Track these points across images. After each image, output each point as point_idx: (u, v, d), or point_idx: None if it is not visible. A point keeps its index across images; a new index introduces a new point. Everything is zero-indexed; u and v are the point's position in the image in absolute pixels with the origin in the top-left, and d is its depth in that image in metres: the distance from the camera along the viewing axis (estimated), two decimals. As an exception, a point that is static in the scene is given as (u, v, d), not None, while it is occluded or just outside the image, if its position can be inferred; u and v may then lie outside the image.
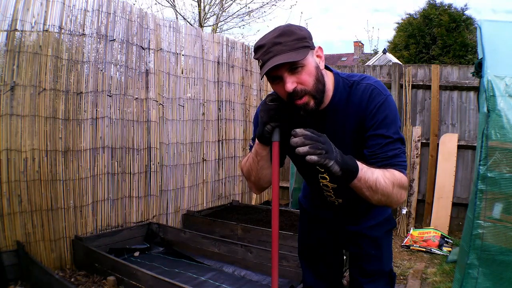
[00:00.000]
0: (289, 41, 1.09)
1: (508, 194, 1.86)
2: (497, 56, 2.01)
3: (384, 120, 1.18)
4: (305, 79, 1.12)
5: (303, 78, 1.11)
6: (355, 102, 1.22)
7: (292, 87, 1.10)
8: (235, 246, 3.13)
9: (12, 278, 2.63)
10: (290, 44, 1.09)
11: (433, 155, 4.56)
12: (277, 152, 1.22)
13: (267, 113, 1.19)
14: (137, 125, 3.54)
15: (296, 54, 1.08)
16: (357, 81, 1.24)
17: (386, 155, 1.16)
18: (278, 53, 1.08)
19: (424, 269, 3.34)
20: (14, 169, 2.68)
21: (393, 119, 1.19)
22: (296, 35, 1.10)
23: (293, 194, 4.86)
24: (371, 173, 1.08)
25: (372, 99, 1.19)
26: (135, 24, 3.49)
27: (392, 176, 1.12)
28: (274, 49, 1.09)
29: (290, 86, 1.10)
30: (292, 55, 1.08)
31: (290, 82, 1.10)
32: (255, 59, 1.15)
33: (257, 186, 1.39)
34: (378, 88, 1.21)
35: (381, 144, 1.17)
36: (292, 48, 1.08)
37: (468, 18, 9.45)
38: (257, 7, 10.67)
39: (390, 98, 1.21)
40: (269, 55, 1.09)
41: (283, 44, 1.09)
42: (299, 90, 1.12)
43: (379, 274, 1.47)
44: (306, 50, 1.10)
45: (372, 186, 1.08)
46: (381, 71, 4.95)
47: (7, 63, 2.62)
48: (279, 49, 1.08)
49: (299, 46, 1.09)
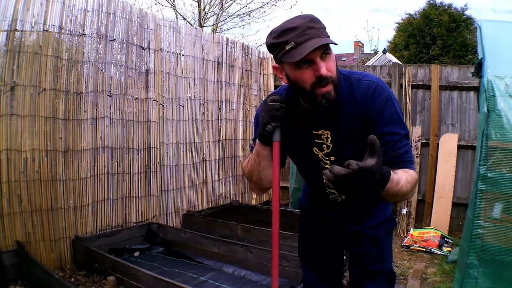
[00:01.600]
0: (320, 27, 1.11)
1: (508, 194, 1.86)
2: (497, 56, 2.01)
3: (391, 117, 1.19)
4: (331, 66, 1.14)
5: (331, 65, 1.13)
6: (358, 99, 1.22)
7: (326, 72, 1.11)
8: (235, 246, 3.13)
9: (12, 278, 2.62)
10: (322, 30, 1.11)
11: (433, 155, 4.56)
12: (278, 152, 1.22)
13: (268, 113, 1.19)
14: (137, 125, 3.54)
15: (329, 40, 1.10)
16: (359, 79, 1.24)
17: (397, 153, 1.18)
18: (314, 36, 1.08)
19: (424, 269, 3.34)
20: (14, 169, 2.68)
21: (399, 115, 1.21)
22: (322, 24, 1.13)
23: (293, 194, 4.86)
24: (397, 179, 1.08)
25: (375, 97, 1.20)
26: (135, 24, 3.49)
27: (411, 179, 1.15)
28: (310, 32, 1.09)
29: (324, 70, 1.11)
30: (328, 40, 1.09)
31: (323, 66, 1.11)
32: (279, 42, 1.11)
33: (259, 187, 1.39)
34: (381, 85, 1.22)
35: (391, 142, 1.18)
36: (324, 34, 1.11)
37: (468, 18, 9.46)
38: (257, 7, 10.67)
39: (392, 95, 1.23)
40: (305, 37, 1.08)
41: (317, 29, 1.10)
42: (329, 76, 1.13)
43: (379, 274, 1.47)
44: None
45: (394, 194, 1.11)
46: (381, 71, 4.95)
47: (7, 63, 2.62)
48: (315, 33, 1.09)
49: (328, 34, 1.12)
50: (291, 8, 15.86)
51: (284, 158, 1.37)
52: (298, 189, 4.69)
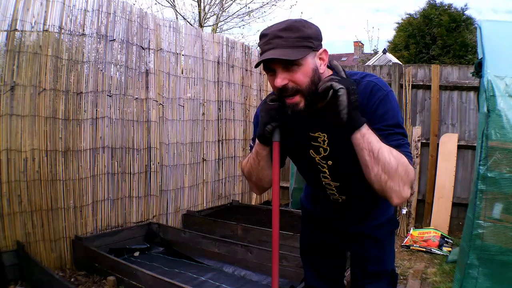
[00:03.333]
0: (291, 37, 1.08)
1: (508, 194, 1.86)
2: (497, 56, 2.01)
3: (385, 114, 1.16)
4: (298, 78, 1.11)
5: (297, 76, 1.10)
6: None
7: (281, 83, 1.10)
8: (235, 246, 3.13)
9: (12, 278, 2.62)
10: (291, 40, 1.08)
11: (433, 155, 4.56)
12: (278, 152, 1.21)
13: (268, 113, 1.19)
14: (137, 125, 3.54)
15: (294, 52, 1.07)
16: (358, 80, 1.23)
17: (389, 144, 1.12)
18: (276, 47, 1.08)
19: (424, 269, 3.34)
20: (14, 169, 2.68)
21: (395, 114, 1.17)
22: (301, 32, 1.09)
23: (293, 194, 4.86)
24: (376, 140, 1.06)
25: (372, 95, 1.18)
26: (135, 24, 3.49)
27: (399, 156, 1.08)
28: (274, 42, 1.08)
29: (279, 81, 1.10)
30: (289, 52, 1.07)
31: (281, 78, 1.10)
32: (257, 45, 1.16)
33: (258, 187, 1.38)
34: (379, 84, 1.20)
35: (383, 135, 1.13)
36: (292, 46, 1.08)
37: (468, 18, 9.47)
38: (257, 7, 10.68)
39: (391, 93, 1.20)
40: (268, 46, 1.09)
41: (284, 39, 1.08)
42: (290, 87, 1.11)
43: (381, 274, 1.46)
44: (307, 50, 1.09)
45: (374, 152, 1.06)
46: (381, 71, 4.95)
47: (7, 63, 2.62)
48: (279, 43, 1.08)
49: (299, 45, 1.08)
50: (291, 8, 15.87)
51: (283, 158, 1.37)
52: (298, 189, 4.69)
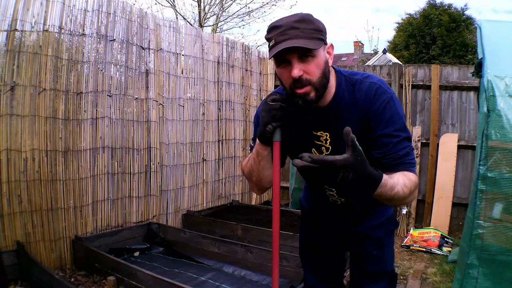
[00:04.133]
0: (307, 28, 1.09)
1: (508, 194, 1.86)
2: (497, 56, 2.01)
3: (391, 119, 1.17)
4: (312, 69, 1.12)
5: (311, 68, 1.11)
6: (359, 101, 1.21)
7: (298, 74, 1.10)
8: (235, 246, 3.13)
9: (12, 278, 2.62)
10: (307, 32, 1.09)
11: (433, 155, 4.56)
12: (278, 152, 1.21)
13: (269, 113, 1.18)
14: (137, 125, 3.54)
15: (311, 42, 1.08)
16: (360, 80, 1.23)
17: (397, 155, 1.15)
18: (293, 37, 1.08)
19: (424, 269, 3.34)
20: (14, 169, 2.68)
21: (400, 117, 1.18)
22: (314, 25, 1.11)
23: (293, 194, 4.86)
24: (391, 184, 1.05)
25: (377, 98, 1.18)
26: (135, 24, 3.49)
27: (410, 183, 1.11)
28: (290, 32, 1.08)
29: (297, 72, 1.10)
30: (307, 42, 1.08)
31: (298, 68, 1.10)
32: (266, 38, 1.14)
33: (258, 187, 1.38)
34: (382, 87, 1.20)
35: (391, 144, 1.16)
36: (308, 36, 1.09)
37: (468, 18, 9.47)
38: (257, 7, 10.68)
39: (394, 96, 1.21)
40: (284, 36, 1.08)
41: (301, 30, 1.08)
42: (304, 78, 1.11)
43: (381, 274, 1.46)
44: (320, 42, 1.11)
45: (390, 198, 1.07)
46: (381, 71, 4.95)
47: (7, 63, 2.62)
48: (296, 34, 1.08)
49: (314, 37, 1.10)
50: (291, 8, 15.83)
51: (284, 158, 1.37)
52: (298, 189, 4.69)
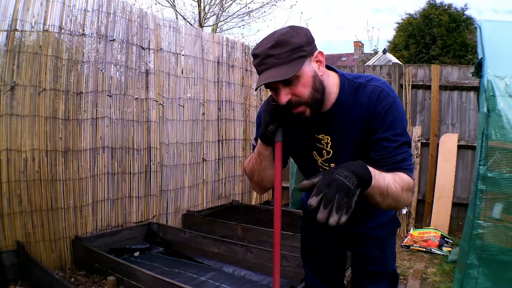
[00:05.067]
0: (282, 52, 1.07)
1: (508, 194, 1.86)
2: (497, 56, 2.01)
3: (392, 123, 1.17)
4: (299, 91, 1.11)
5: (298, 90, 1.11)
6: (362, 104, 1.20)
7: (285, 100, 1.10)
8: (235, 246, 3.13)
9: (12, 278, 2.62)
10: (283, 57, 1.07)
11: (433, 155, 4.56)
12: (280, 152, 1.21)
13: (270, 113, 1.19)
14: (137, 125, 3.54)
15: (289, 68, 1.06)
16: (364, 83, 1.22)
17: (394, 159, 1.15)
18: (270, 67, 1.07)
19: (424, 269, 3.34)
20: (14, 169, 2.68)
21: (401, 121, 1.18)
22: (291, 45, 1.08)
23: (293, 194, 4.86)
24: (383, 180, 1.06)
25: (380, 101, 1.18)
26: (135, 24, 3.49)
27: (401, 181, 1.11)
28: (267, 62, 1.08)
29: (284, 98, 1.10)
30: (284, 70, 1.06)
31: (284, 94, 1.10)
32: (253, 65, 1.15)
33: (260, 187, 1.38)
34: (386, 90, 1.20)
35: (390, 148, 1.15)
36: (285, 61, 1.07)
37: (468, 18, 9.46)
38: (257, 7, 10.67)
39: (397, 100, 1.20)
40: (262, 67, 1.09)
41: (276, 56, 1.07)
42: (294, 101, 1.12)
43: (382, 274, 1.46)
44: (301, 60, 1.09)
45: (384, 192, 1.07)
46: (381, 71, 4.95)
47: (7, 63, 2.62)
48: (272, 62, 1.07)
49: (293, 58, 1.07)
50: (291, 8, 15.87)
51: (286, 158, 1.37)
52: (298, 189, 4.69)
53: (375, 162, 1.17)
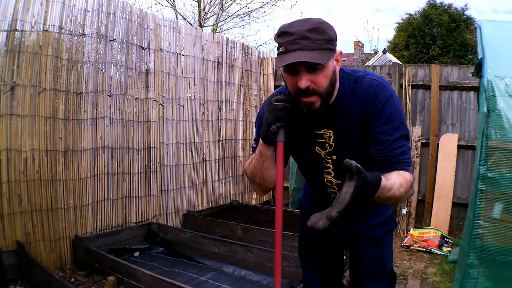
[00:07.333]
0: (319, 39, 1.08)
1: (508, 194, 1.86)
2: (497, 56, 2.01)
3: (390, 116, 1.18)
4: (320, 81, 1.12)
5: (319, 79, 1.12)
6: (360, 98, 1.22)
7: (306, 84, 1.10)
8: (235, 246, 3.13)
9: (12, 278, 2.62)
10: (319, 43, 1.08)
11: (433, 155, 4.56)
12: (282, 153, 1.21)
13: (273, 113, 1.18)
14: (137, 125, 3.54)
15: (321, 55, 1.07)
16: (361, 77, 1.24)
17: (393, 153, 1.16)
18: (304, 48, 1.07)
19: (424, 269, 3.34)
20: (14, 169, 2.68)
21: (399, 115, 1.19)
22: (327, 35, 1.10)
23: (293, 194, 4.86)
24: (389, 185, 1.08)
25: (377, 95, 1.19)
26: (135, 24, 3.49)
27: (405, 183, 1.13)
28: (302, 42, 1.07)
29: (304, 83, 1.10)
30: (317, 55, 1.07)
31: (305, 79, 1.10)
32: (276, 41, 1.12)
33: (262, 188, 1.38)
34: (383, 83, 1.22)
35: (388, 142, 1.17)
36: (320, 48, 1.07)
37: (468, 18, 9.46)
38: (257, 7, 10.62)
39: (394, 94, 1.22)
40: (295, 46, 1.07)
41: (313, 40, 1.07)
42: (311, 89, 1.12)
43: (380, 274, 1.46)
44: (331, 54, 1.10)
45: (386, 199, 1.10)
46: (381, 71, 4.95)
47: (7, 63, 2.62)
48: (307, 45, 1.07)
49: (325, 48, 1.09)
50: (291, 8, 15.85)
51: (287, 158, 1.37)
52: (298, 189, 4.69)
53: (375, 156, 1.18)
